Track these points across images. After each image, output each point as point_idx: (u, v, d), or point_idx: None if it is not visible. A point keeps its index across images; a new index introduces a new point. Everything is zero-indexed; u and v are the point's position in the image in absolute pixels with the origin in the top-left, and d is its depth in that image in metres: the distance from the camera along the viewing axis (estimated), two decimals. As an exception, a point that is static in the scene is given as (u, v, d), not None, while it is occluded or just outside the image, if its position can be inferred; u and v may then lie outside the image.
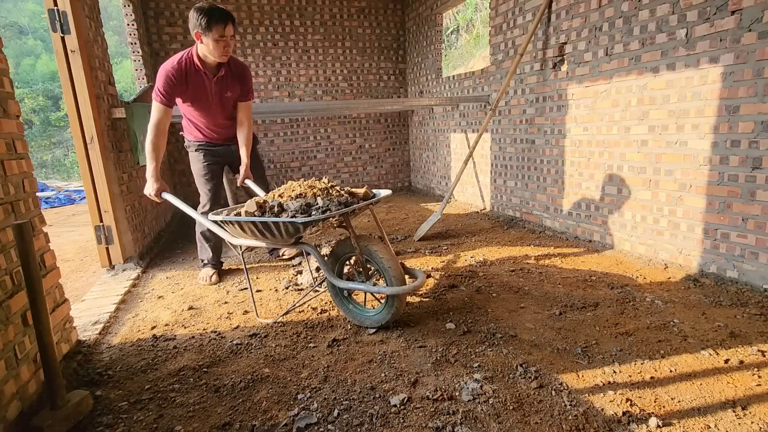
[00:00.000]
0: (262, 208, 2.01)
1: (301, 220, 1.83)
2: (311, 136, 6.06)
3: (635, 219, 2.95)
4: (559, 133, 3.51)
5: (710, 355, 1.74)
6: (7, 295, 1.46)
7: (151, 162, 2.42)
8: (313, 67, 5.89)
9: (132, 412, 1.54)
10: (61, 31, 2.66)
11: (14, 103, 1.71)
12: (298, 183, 2.15)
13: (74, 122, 2.79)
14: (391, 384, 1.63)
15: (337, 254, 2.22)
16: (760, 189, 2.22)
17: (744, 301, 2.20)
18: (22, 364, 1.49)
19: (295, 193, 2.06)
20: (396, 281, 1.98)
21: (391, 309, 2.01)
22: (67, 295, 1.98)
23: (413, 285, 1.96)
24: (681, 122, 2.57)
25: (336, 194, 2.06)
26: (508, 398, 1.52)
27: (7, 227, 1.51)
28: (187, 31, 5.32)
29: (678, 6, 2.50)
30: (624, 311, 2.16)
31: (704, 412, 1.42)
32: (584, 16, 3.15)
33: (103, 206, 2.95)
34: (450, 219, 4.35)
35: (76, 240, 4.45)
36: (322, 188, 2.10)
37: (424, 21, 5.58)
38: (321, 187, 2.10)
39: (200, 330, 2.17)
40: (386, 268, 1.99)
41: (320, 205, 1.95)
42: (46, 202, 7.06)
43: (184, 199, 2.50)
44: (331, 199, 2.00)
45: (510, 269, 2.82)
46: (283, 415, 1.48)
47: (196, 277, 2.98)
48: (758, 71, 2.17)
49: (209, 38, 2.37)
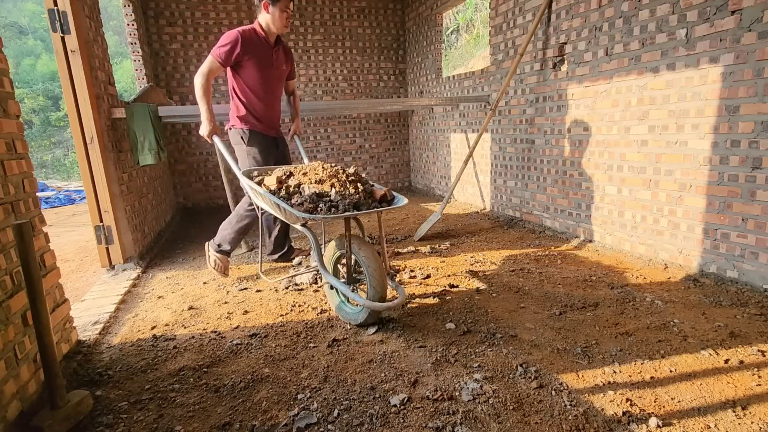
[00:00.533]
0: (280, 184, 2.04)
1: (300, 214, 1.88)
2: (311, 136, 6.06)
3: (635, 219, 2.95)
4: (559, 133, 3.51)
5: (710, 355, 1.74)
6: (7, 295, 1.46)
7: (203, 104, 2.60)
8: (313, 67, 5.89)
9: (132, 412, 1.54)
10: (61, 31, 2.66)
11: (14, 103, 1.71)
12: (323, 167, 2.17)
13: (74, 122, 2.79)
14: (391, 384, 1.63)
15: (335, 248, 2.24)
16: (760, 189, 2.22)
17: (744, 301, 2.19)
18: (22, 364, 1.49)
19: (317, 178, 2.08)
20: (376, 292, 1.99)
21: (365, 315, 2.05)
22: (67, 295, 1.98)
23: (388, 305, 1.95)
24: (681, 122, 2.57)
25: (352, 191, 2.05)
26: (508, 398, 1.52)
27: (7, 227, 1.51)
28: (187, 31, 5.32)
29: (678, 6, 2.50)
30: (624, 311, 2.16)
31: (704, 412, 1.42)
32: (584, 16, 3.15)
33: (103, 206, 2.95)
34: (450, 219, 4.35)
35: (76, 240, 4.45)
36: (342, 180, 2.10)
37: (424, 21, 5.58)
38: (342, 179, 2.10)
39: (200, 330, 2.16)
40: (369, 275, 2.00)
41: (331, 199, 1.96)
42: (46, 202, 7.06)
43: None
44: (345, 195, 2.01)
45: (510, 269, 2.82)
46: (283, 415, 1.48)
47: (196, 277, 2.97)
48: (758, 71, 2.17)
49: (276, 8, 2.61)
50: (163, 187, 4.72)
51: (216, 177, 5.64)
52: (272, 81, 2.82)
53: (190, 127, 5.53)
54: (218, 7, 5.38)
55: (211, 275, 2.97)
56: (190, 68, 5.42)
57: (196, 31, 5.37)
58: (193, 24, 5.34)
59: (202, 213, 5.37)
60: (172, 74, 5.38)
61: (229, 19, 5.44)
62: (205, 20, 5.38)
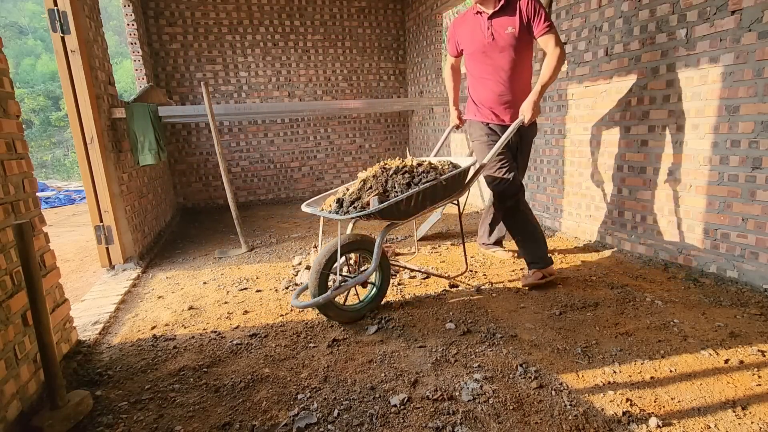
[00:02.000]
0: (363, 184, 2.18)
1: (307, 209, 2.11)
2: (311, 136, 6.06)
3: (635, 219, 2.95)
4: (559, 133, 3.51)
5: (710, 355, 1.74)
6: (7, 295, 1.46)
7: (450, 94, 2.79)
8: (313, 67, 5.89)
9: (132, 412, 1.54)
10: (61, 31, 2.66)
11: (14, 103, 1.71)
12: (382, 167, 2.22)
13: (74, 122, 2.79)
14: (391, 384, 1.63)
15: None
16: (760, 189, 2.22)
17: (744, 301, 2.19)
18: (22, 364, 1.49)
19: (371, 175, 2.19)
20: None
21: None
22: (67, 295, 1.98)
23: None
24: (681, 122, 2.57)
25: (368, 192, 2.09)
26: (508, 398, 1.52)
27: (7, 227, 1.51)
28: (187, 31, 5.33)
29: (678, 6, 2.50)
30: (624, 311, 2.16)
31: (704, 412, 1.42)
32: (584, 16, 3.15)
33: (103, 206, 2.95)
34: (450, 219, 4.35)
35: (76, 240, 4.45)
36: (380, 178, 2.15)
37: (424, 21, 5.58)
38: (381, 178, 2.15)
39: (200, 330, 2.16)
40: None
41: (357, 201, 2.06)
42: (46, 202, 7.07)
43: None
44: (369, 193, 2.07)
45: (510, 269, 2.82)
46: (283, 415, 1.48)
47: (196, 277, 2.97)
48: (758, 71, 2.17)
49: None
50: (163, 187, 4.72)
51: (216, 177, 5.64)
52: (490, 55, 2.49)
53: (190, 127, 5.53)
54: (218, 7, 5.39)
55: (211, 275, 2.97)
56: (190, 68, 5.43)
57: (196, 31, 5.37)
58: (193, 24, 5.34)
59: (202, 213, 5.37)
60: (172, 74, 5.38)
61: (229, 19, 5.44)
62: (205, 20, 5.38)
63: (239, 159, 5.80)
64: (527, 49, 2.47)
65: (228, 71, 5.58)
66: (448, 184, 2.18)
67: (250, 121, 5.77)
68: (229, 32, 5.48)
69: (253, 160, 5.86)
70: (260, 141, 5.85)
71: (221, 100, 5.60)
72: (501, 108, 2.55)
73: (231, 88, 5.62)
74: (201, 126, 5.56)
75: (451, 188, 2.24)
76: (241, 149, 5.79)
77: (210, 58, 5.48)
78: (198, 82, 5.46)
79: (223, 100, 5.61)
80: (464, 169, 2.22)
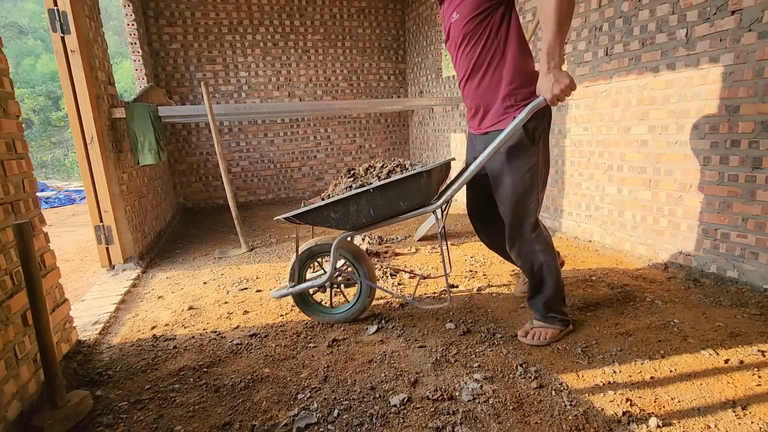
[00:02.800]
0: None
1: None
2: (311, 136, 6.06)
3: (635, 219, 2.95)
4: (559, 133, 3.51)
5: (710, 355, 1.74)
6: (7, 295, 1.46)
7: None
8: (313, 67, 5.89)
9: (132, 412, 1.54)
10: (61, 31, 2.66)
11: (14, 103, 1.71)
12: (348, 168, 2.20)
13: (74, 122, 2.79)
14: (391, 384, 1.63)
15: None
16: (760, 189, 2.22)
17: (744, 301, 2.19)
18: (22, 364, 1.49)
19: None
20: None
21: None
22: (67, 295, 1.98)
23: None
24: (681, 122, 2.57)
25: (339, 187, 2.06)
26: (508, 398, 1.52)
27: (7, 227, 1.51)
28: (187, 31, 5.33)
29: (678, 6, 2.50)
30: (624, 311, 2.16)
31: (704, 412, 1.42)
32: (584, 16, 3.15)
33: (103, 206, 2.95)
34: (450, 219, 4.35)
35: (76, 240, 4.45)
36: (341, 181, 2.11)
37: (424, 21, 5.58)
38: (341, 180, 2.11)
39: (200, 330, 2.17)
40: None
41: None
42: (46, 202, 7.06)
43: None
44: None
45: (510, 269, 2.82)
46: (283, 415, 1.48)
47: (196, 277, 2.97)
48: (758, 71, 2.17)
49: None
50: (163, 187, 4.72)
51: (216, 177, 5.64)
52: (452, 47, 1.89)
53: (190, 127, 5.53)
54: (218, 7, 5.39)
55: (211, 275, 2.97)
56: (190, 68, 5.43)
57: (196, 31, 5.37)
58: (193, 24, 5.35)
59: (202, 213, 5.37)
60: (172, 74, 5.39)
61: (229, 19, 5.44)
62: (205, 20, 5.38)
63: (239, 159, 5.81)
64: (490, 33, 1.71)
65: (228, 71, 5.58)
66: (401, 191, 1.79)
67: (250, 121, 5.77)
68: (229, 32, 5.48)
69: (253, 160, 5.86)
70: (260, 141, 5.85)
71: (221, 100, 5.60)
72: (470, 113, 1.96)
73: (231, 88, 5.63)
74: (201, 126, 5.56)
75: (408, 197, 1.82)
76: (241, 149, 5.80)
77: (210, 58, 5.48)
78: (198, 82, 5.46)
79: (223, 100, 5.61)
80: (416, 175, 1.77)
